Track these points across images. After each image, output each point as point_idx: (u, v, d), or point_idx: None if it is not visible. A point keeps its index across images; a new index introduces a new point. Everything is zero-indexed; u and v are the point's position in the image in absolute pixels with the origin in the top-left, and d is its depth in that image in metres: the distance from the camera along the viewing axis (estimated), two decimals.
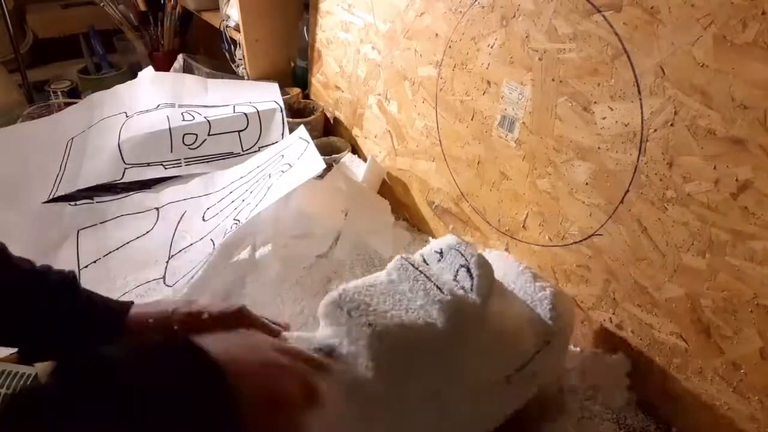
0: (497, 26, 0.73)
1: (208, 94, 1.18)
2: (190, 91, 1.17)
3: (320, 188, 0.88)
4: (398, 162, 0.98)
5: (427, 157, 0.91)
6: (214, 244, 0.85)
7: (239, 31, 1.23)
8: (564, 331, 0.61)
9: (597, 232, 0.66)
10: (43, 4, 1.79)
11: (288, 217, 0.85)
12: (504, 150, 0.76)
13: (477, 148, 0.81)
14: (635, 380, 0.66)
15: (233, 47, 1.30)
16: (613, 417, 0.64)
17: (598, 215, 0.65)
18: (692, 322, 0.58)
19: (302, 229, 0.86)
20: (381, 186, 1.01)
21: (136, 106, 1.13)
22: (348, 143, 1.12)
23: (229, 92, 1.18)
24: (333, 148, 1.12)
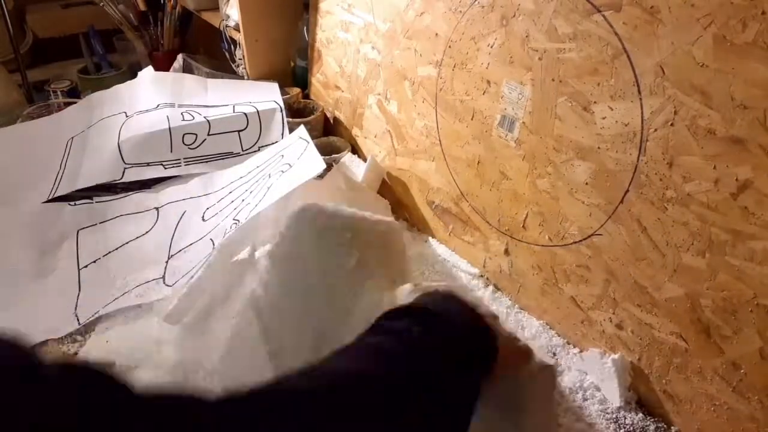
0: (497, 26, 0.73)
1: (208, 93, 1.18)
2: (190, 90, 1.17)
3: (320, 188, 0.88)
4: (398, 162, 0.98)
5: (427, 156, 0.91)
6: (213, 244, 0.85)
7: (239, 31, 1.23)
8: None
9: (597, 232, 0.66)
10: (43, 4, 1.79)
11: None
12: (504, 150, 0.76)
13: (477, 148, 0.81)
14: (635, 380, 0.66)
15: (233, 47, 1.30)
16: (613, 417, 0.64)
17: (598, 215, 0.65)
18: (692, 322, 0.58)
19: None
20: (381, 186, 1.01)
21: (135, 105, 1.13)
22: (348, 143, 1.12)
23: (229, 92, 1.18)
24: (333, 148, 1.11)
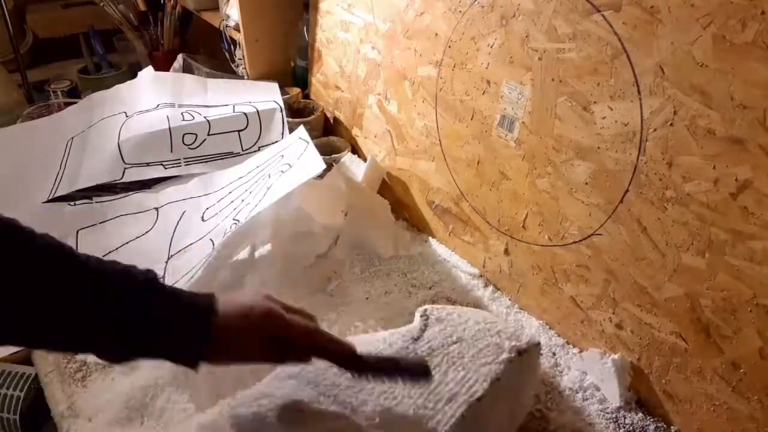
0: (497, 26, 0.73)
1: (208, 93, 1.18)
2: (190, 90, 1.17)
3: (320, 188, 0.88)
4: (398, 162, 0.98)
5: (426, 156, 0.91)
6: (213, 244, 0.85)
7: (239, 31, 1.23)
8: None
9: (596, 232, 0.66)
10: (43, 4, 1.79)
11: (288, 217, 0.85)
12: (504, 150, 0.76)
13: (477, 148, 0.81)
14: (635, 380, 0.66)
15: (233, 47, 1.30)
16: (613, 416, 0.64)
17: (598, 215, 0.65)
18: (692, 321, 0.58)
19: (302, 228, 0.86)
20: (381, 186, 1.01)
21: (136, 105, 1.13)
22: (348, 143, 1.12)
23: (229, 92, 1.18)
24: (333, 147, 1.12)
